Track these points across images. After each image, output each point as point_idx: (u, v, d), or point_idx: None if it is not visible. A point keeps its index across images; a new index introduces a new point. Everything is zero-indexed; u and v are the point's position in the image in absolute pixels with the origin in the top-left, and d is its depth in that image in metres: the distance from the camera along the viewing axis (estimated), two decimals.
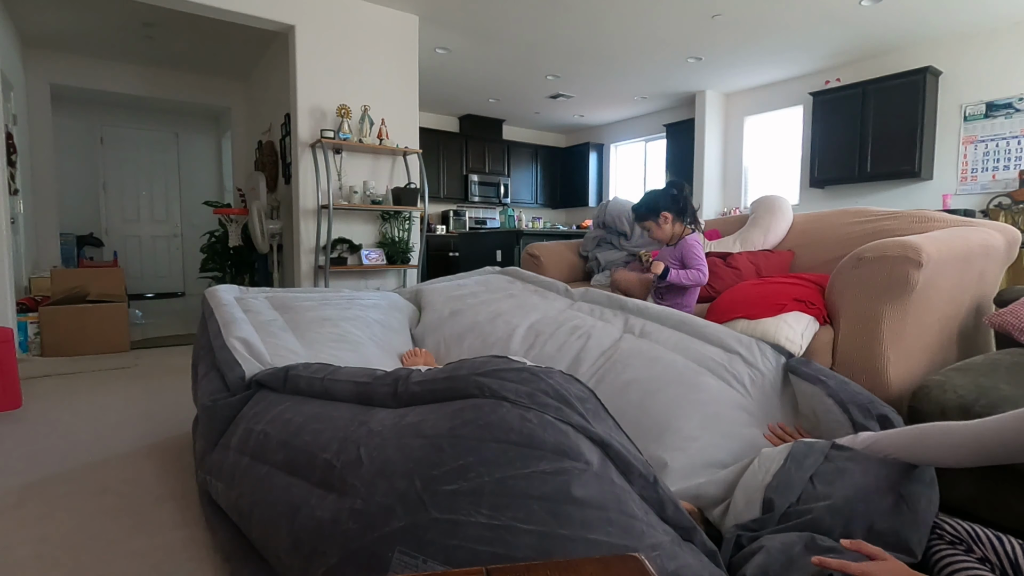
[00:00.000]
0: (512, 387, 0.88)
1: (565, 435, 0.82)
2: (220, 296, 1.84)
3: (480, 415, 0.84)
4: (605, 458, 0.84)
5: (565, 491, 0.76)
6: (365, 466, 0.86)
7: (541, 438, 0.80)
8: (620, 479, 0.83)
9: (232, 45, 5.18)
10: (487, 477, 0.76)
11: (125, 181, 7.21)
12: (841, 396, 1.33)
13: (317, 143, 4.01)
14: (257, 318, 1.74)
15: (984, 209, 4.73)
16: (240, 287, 2.05)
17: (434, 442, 0.83)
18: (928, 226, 2.06)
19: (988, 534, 0.96)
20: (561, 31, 4.77)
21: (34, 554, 1.29)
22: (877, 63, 5.35)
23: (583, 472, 0.78)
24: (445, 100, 6.92)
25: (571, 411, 0.86)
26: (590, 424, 0.86)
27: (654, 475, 0.87)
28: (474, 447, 0.80)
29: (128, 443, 2.02)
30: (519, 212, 8.21)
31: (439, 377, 0.98)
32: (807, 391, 1.44)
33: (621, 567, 0.47)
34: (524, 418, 0.82)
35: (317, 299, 2.03)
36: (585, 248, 3.21)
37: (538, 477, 0.76)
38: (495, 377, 0.90)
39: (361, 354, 1.72)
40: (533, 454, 0.78)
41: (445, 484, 0.77)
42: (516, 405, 0.85)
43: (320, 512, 0.87)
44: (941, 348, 1.90)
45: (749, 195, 6.64)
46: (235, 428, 1.31)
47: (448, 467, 0.78)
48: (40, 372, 3.16)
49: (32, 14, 4.55)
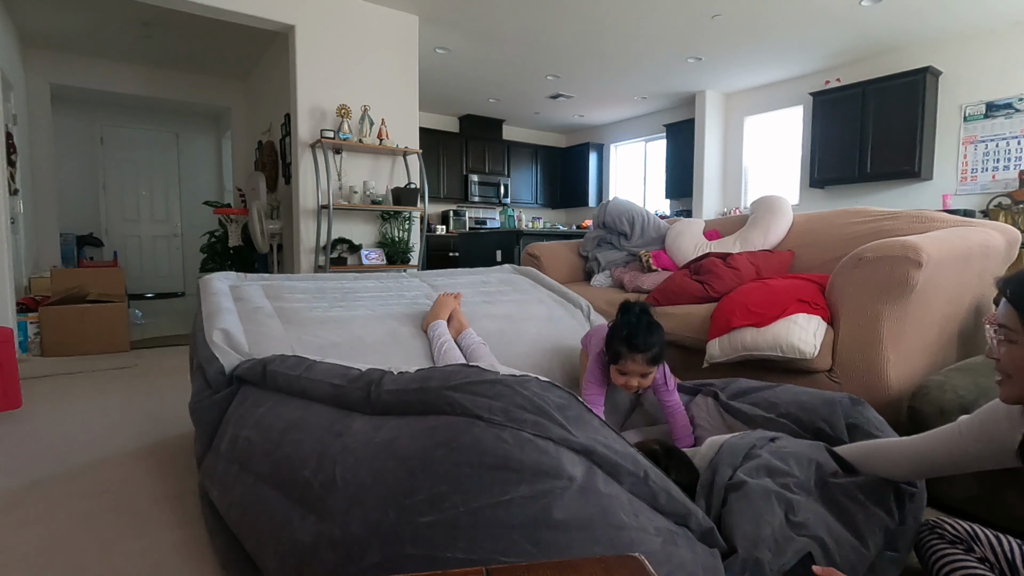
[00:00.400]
0: (485, 403, 0.83)
1: (544, 452, 0.78)
2: (211, 285, 1.82)
3: (453, 436, 0.80)
4: (591, 465, 0.81)
5: (546, 515, 0.73)
6: (340, 489, 0.85)
7: (518, 459, 0.76)
8: (607, 484, 0.80)
9: (232, 45, 5.17)
10: (462, 507, 0.73)
11: (125, 181, 7.21)
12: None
13: (317, 143, 4.01)
14: (246, 306, 1.72)
15: (984, 209, 4.73)
16: (238, 274, 2.02)
17: (407, 466, 0.80)
18: (928, 226, 2.06)
19: (987, 534, 0.96)
20: (561, 31, 4.77)
21: (34, 554, 1.29)
22: (877, 63, 5.36)
23: (565, 491, 0.75)
24: (445, 100, 6.92)
25: (550, 423, 0.82)
26: (572, 434, 0.82)
27: (644, 469, 0.85)
28: (448, 473, 0.76)
29: (128, 443, 2.02)
30: (519, 212, 8.21)
31: (410, 388, 0.94)
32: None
33: (621, 567, 0.47)
34: (499, 438, 0.78)
35: (313, 288, 2.00)
36: (585, 248, 3.21)
37: (517, 504, 0.73)
38: (467, 392, 0.85)
39: (349, 330, 1.72)
40: (510, 478, 0.75)
41: (420, 515, 0.75)
42: (490, 424, 0.80)
43: (301, 535, 0.87)
44: (941, 348, 1.90)
45: (749, 195, 6.64)
46: (224, 430, 1.31)
47: (422, 496, 0.76)
48: (40, 372, 3.16)
49: (32, 14, 4.55)
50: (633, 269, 2.86)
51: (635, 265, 2.90)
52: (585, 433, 0.84)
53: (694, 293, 2.26)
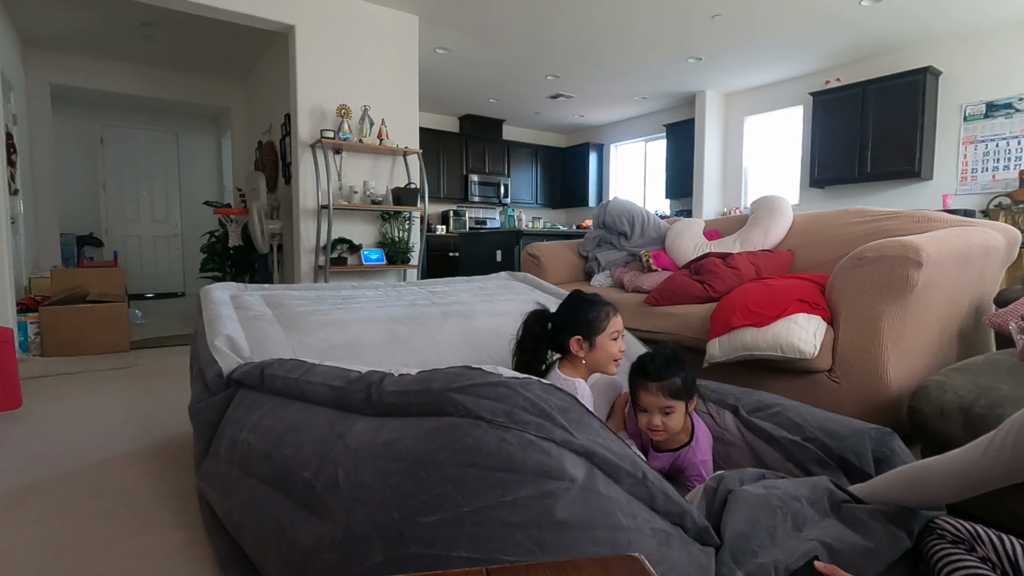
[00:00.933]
0: (488, 404, 0.83)
1: (546, 454, 0.79)
2: (212, 295, 1.84)
3: (456, 437, 0.80)
4: (591, 467, 0.82)
5: (549, 515, 0.74)
6: (343, 490, 0.85)
7: (521, 460, 0.77)
8: (607, 486, 0.81)
9: (232, 45, 5.18)
10: (467, 507, 0.74)
11: (125, 181, 7.21)
12: (798, 456, 1.30)
13: (317, 143, 4.01)
14: (247, 314, 1.74)
15: (984, 209, 4.73)
16: (239, 284, 2.05)
17: (410, 467, 0.80)
18: (928, 226, 2.06)
19: (990, 534, 0.96)
20: (561, 31, 4.77)
21: (34, 554, 1.29)
22: (877, 63, 5.36)
23: (567, 491, 0.76)
24: (445, 100, 6.92)
25: (552, 425, 0.83)
26: (573, 436, 0.83)
27: (643, 471, 0.86)
28: (452, 474, 0.77)
29: (128, 443, 2.02)
30: (519, 212, 8.21)
31: (412, 389, 0.94)
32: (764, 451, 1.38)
33: (621, 567, 0.48)
34: (502, 439, 0.79)
35: (312, 296, 2.02)
36: (585, 248, 3.21)
37: (520, 504, 0.74)
38: (470, 393, 0.85)
39: (349, 332, 1.73)
40: (513, 479, 0.76)
41: (424, 515, 0.75)
42: (493, 425, 0.81)
43: (304, 536, 0.87)
44: (941, 348, 1.90)
45: (749, 195, 6.64)
46: (222, 433, 1.31)
47: (426, 495, 0.76)
48: (40, 372, 3.16)
49: (32, 14, 4.55)
50: (633, 269, 2.86)
51: (635, 265, 2.90)
52: (586, 435, 0.85)
53: (694, 293, 2.26)
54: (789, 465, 1.29)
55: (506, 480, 0.76)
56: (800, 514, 0.97)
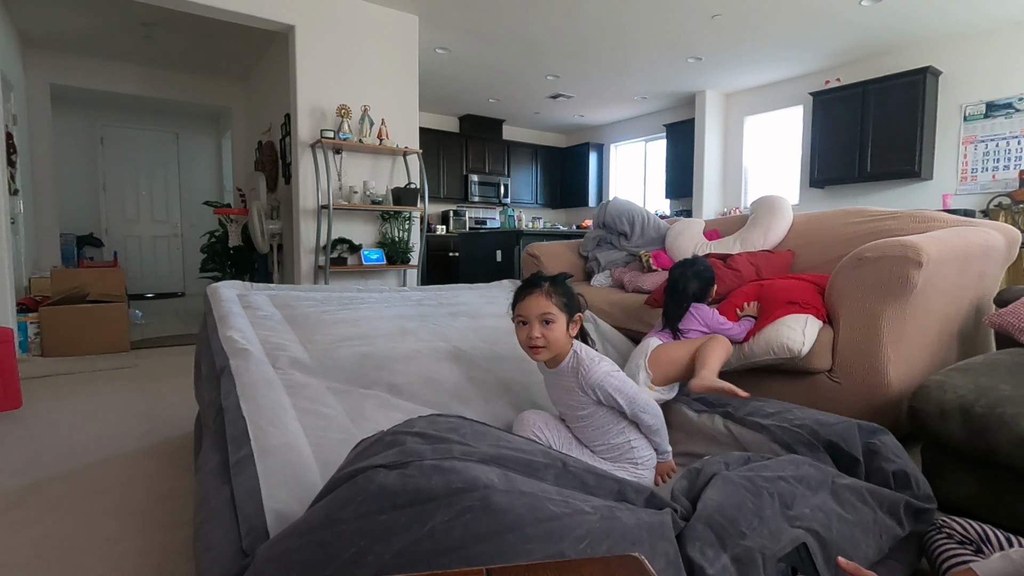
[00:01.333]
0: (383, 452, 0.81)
1: (452, 471, 0.76)
2: (220, 292, 1.86)
3: (357, 491, 0.76)
4: (505, 471, 0.80)
5: (472, 531, 0.71)
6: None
7: (428, 488, 0.74)
8: (529, 484, 0.80)
9: (232, 45, 5.18)
10: (387, 555, 0.69)
11: (125, 181, 7.21)
12: (785, 439, 1.29)
13: (317, 143, 4.01)
14: (255, 314, 1.75)
15: (984, 209, 4.73)
16: (244, 283, 2.06)
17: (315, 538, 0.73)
18: (928, 226, 2.06)
19: (998, 535, 0.96)
20: (561, 31, 4.77)
21: (34, 554, 1.29)
22: (877, 63, 5.36)
23: (485, 499, 0.74)
24: (445, 100, 6.92)
25: (448, 444, 0.81)
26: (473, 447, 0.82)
27: (562, 459, 0.85)
28: (361, 527, 0.71)
29: (128, 443, 2.02)
30: (519, 212, 8.21)
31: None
32: (752, 440, 1.38)
33: (621, 567, 0.48)
34: (404, 475, 0.75)
35: (319, 297, 2.05)
36: (585, 248, 3.21)
37: (441, 530, 0.70)
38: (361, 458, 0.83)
39: (359, 327, 1.75)
40: (427, 508, 0.72)
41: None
42: (392, 467, 0.77)
43: None
44: (941, 348, 1.90)
45: (749, 195, 6.64)
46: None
47: (340, 560, 0.69)
48: (40, 372, 3.16)
49: (32, 14, 4.55)
50: (633, 269, 2.86)
51: (635, 265, 2.90)
52: (487, 443, 0.84)
53: None
54: (776, 446, 1.30)
55: (420, 512, 0.72)
56: (788, 492, 0.97)
